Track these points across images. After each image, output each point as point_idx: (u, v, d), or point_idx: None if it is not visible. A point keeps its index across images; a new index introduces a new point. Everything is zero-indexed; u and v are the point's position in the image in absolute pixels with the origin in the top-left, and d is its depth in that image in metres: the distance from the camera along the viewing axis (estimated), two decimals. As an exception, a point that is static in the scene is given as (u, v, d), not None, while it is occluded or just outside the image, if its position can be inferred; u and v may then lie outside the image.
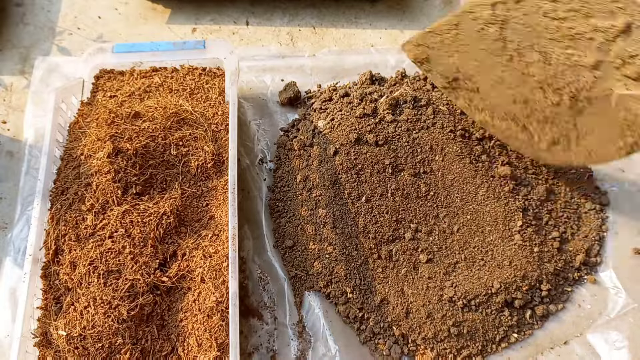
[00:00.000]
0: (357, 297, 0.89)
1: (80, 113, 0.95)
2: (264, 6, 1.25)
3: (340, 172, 0.95)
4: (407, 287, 0.90)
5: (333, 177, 0.95)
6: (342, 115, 1.00)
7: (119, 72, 1.03)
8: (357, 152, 0.95)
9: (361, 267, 0.91)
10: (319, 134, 1.01)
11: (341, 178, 0.95)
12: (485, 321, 0.87)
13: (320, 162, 0.98)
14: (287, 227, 0.98)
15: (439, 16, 1.23)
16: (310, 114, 1.07)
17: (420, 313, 0.87)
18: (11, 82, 1.16)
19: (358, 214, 0.93)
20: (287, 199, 1.00)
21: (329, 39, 1.21)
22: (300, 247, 0.95)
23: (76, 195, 0.85)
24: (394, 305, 0.88)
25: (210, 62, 1.03)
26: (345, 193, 0.94)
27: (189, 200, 0.89)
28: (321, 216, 0.94)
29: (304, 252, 0.95)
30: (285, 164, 1.03)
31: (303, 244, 0.95)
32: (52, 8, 1.26)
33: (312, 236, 0.94)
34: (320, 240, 0.94)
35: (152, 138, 0.90)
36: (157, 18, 1.24)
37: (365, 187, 0.94)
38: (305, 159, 1.00)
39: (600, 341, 0.87)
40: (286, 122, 1.10)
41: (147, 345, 0.78)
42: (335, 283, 0.91)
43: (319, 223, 0.95)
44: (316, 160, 0.98)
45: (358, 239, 0.92)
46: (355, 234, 0.93)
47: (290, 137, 1.06)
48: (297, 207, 0.97)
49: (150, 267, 0.81)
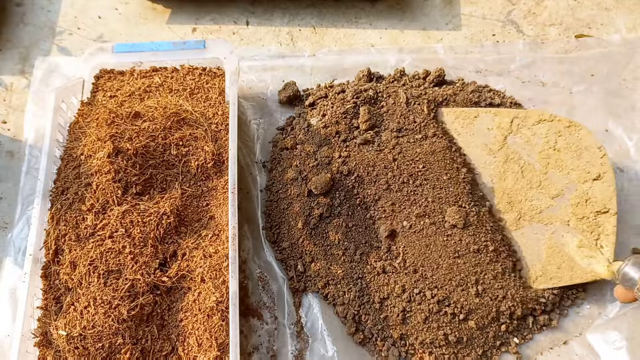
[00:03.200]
0: (355, 298, 0.89)
1: (80, 113, 0.95)
2: (264, 6, 1.25)
3: (333, 171, 0.94)
4: (404, 291, 0.88)
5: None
6: (332, 112, 1.00)
7: (119, 72, 1.03)
8: (348, 151, 0.95)
9: (358, 267, 0.90)
10: (312, 131, 1.00)
11: (334, 177, 0.94)
12: (485, 329, 0.86)
13: (312, 159, 0.97)
14: (282, 228, 0.97)
15: (439, 16, 1.23)
16: (305, 111, 1.07)
17: (417, 318, 0.86)
18: (11, 82, 1.16)
19: (353, 213, 0.93)
20: (281, 199, 0.98)
21: (329, 38, 1.21)
22: (297, 248, 0.94)
23: (76, 195, 0.85)
24: (391, 309, 0.87)
25: (210, 62, 1.03)
26: (338, 192, 0.93)
27: (189, 200, 0.89)
28: (315, 217, 0.93)
29: (302, 253, 0.94)
30: (279, 163, 1.02)
31: (299, 244, 0.94)
32: (52, 8, 1.26)
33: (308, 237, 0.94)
34: (315, 241, 0.93)
35: (152, 138, 0.90)
36: (157, 18, 1.24)
37: (359, 186, 0.93)
38: (297, 157, 0.99)
39: (599, 341, 0.87)
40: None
41: (147, 345, 0.78)
42: (333, 285, 0.91)
43: (312, 220, 0.93)
44: (308, 157, 0.97)
45: (354, 238, 0.92)
46: (352, 233, 0.92)
47: (285, 135, 1.06)
48: (292, 207, 0.96)
49: (150, 267, 0.81)
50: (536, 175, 0.91)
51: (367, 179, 0.93)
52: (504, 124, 0.94)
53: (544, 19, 1.22)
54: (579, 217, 0.87)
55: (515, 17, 1.23)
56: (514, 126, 0.94)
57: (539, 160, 0.91)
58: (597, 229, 0.87)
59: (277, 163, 1.03)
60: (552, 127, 0.92)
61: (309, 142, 0.99)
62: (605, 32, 1.19)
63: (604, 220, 0.87)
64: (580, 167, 0.89)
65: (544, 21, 1.22)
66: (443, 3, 1.25)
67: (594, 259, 0.84)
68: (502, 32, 1.21)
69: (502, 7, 1.24)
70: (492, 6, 1.24)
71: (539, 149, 0.92)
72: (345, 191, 0.93)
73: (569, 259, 0.86)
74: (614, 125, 1.06)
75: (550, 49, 1.16)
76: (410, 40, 1.20)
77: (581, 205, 0.88)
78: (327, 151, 0.96)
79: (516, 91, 1.10)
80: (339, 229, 0.92)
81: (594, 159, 0.89)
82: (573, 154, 0.90)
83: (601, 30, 1.19)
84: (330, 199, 0.93)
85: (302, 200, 0.95)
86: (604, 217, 0.87)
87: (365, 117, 0.96)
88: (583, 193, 0.88)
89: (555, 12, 1.23)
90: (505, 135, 0.94)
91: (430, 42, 1.20)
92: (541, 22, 1.21)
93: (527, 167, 0.92)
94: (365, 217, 0.92)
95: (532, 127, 0.93)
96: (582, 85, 1.10)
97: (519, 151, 0.92)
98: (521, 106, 1.08)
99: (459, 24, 1.22)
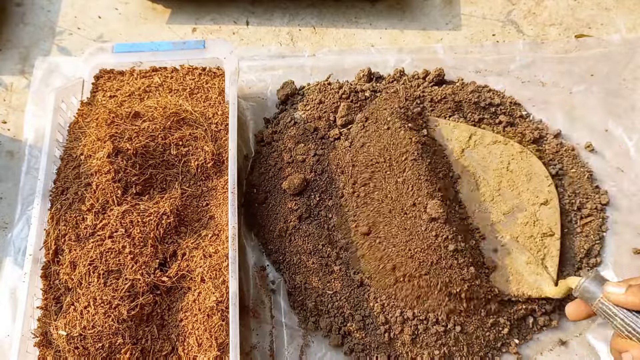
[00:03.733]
0: (337, 315, 0.86)
1: (80, 113, 0.95)
2: (264, 6, 1.25)
3: (307, 170, 0.94)
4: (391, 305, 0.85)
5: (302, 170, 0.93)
6: (315, 107, 1.00)
7: (119, 72, 1.03)
8: (323, 149, 0.94)
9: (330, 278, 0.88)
10: (295, 125, 1.00)
11: (308, 177, 0.93)
12: (484, 332, 0.85)
13: (288, 155, 0.96)
14: (265, 229, 0.95)
15: (439, 16, 1.23)
16: (295, 106, 1.06)
17: (404, 336, 0.83)
18: (11, 82, 1.16)
19: (330, 209, 0.92)
20: (260, 197, 0.97)
21: (329, 38, 1.21)
22: (279, 252, 0.93)
23: (76, 195, 0.85)
24: (376, 325, 0.84)
25: (210, 62, 1.03)
26: (313, 193, 0.93)
27: (189, 200, 0.90)
28: (293, 219, 0.92)
29: (283, 261, 0.93)
30: (257, 160, 1.02)
31: (280, 250, 0.93)
32: (52, 8, 1.26)
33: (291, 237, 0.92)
34: (291, 248, 0.92)
35: (152, 138, 0.90)
36: (157, 18, 1.24)
37: (331, 187, 0.93)
38: (275, 152, 0.99)
39: (599, 341, 0.87)
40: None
41: (147, 345, 0.78)
42: (316, 297, 0.88)
43: (291, 224, 0.92)
44: (285, 153, 0.97)
45: (322, 248, 0.90)
46: (328, 234, 0.91)
47: (269, 128, 1.05)
48: (270, 208, 0.95)
49: (150, 267, 0.81)
50: (489, 190, 0.95)
51: (336, 178, 0.93)
52: (462, 138, 0.98)
53: (544, 19, 1.22)
54: (527, 235, 0.91)
55: (515, 17, 1.23)
56: (472, 142, 0.98)
57: (493, 177, 0.96)
58: (543, 249, 0.90)
59: (256, 159, 1.03)
60: (506, 149, 0.97)
61: (288, 137, 0.98)
62: (605, 32, 1.19)
63: (549, 243, 0.90)
64: (530, 190, 0.94)
65: (544, 21, 1.22)
66: (443, 3, 1.25)
67: (540, 276, 0.87)
68: (502, 32, 1.21)
69: (502, 7, 1.24)
70: (492, 6, 1.25)
71: (493, 167, 0.96)
72: (320, 192, 0.93)
73: (517, 272, 0.88)
74: (614, 125, 1.06)
75: (550, 49, 1.16)
76: (410, 40, 1.21)
77: (530, 225, 0.91)
78: (302, 148, 0.96)
79: (516, 91, 1.10)
80: (311, 237, 0.91)
81: (542, 186, 0.94)
82: (524, 178, 0.95)
83: (601, 30, 1.19)
84: (306, 199, 0.93)
85: (279, 201, 0.94)
86: (550, 240, 0.91)
87: (343, 112, 0.95)
88: (532, 214, 0.92)
89: (555, 12, 1.23)
90: (462, 148, 0.98)
91: (430, 42, 1.20)
92: (541, 22, 1.21)
93: (482, 181, 0.95)
94: (332, 224, 0.91)
95: (488, 146, 0.98)
96: (582, 85, 1.10)
97: (474, 165, 0.97)
98: (521, 106, 1.08)
99: (459, 24, 1.22)
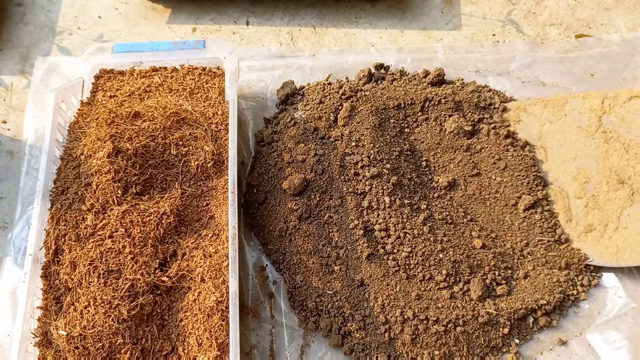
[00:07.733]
0: (337, 314, 0.86)
1: (80, 113, 0.95)
2: (264, 6, 1.25)
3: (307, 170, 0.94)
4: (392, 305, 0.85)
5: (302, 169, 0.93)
6: (315, 106, 1.00)
7: (119, 72, 1.03)
8: (323, 149, 0.94)
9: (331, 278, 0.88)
10: (295, 125, 1.00)
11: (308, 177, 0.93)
12: (484, 334, 0.85)
13: (288, 155, 0.96)
14: (265, 229, 0.95)
15: (439, 16, 1.23)
16: (295, 106, 1.06)
17: (404, 336, 0.83)
18: (11, 82, 1.16)
19: (328, 209, 0.92)
20: (260, 198, 0.97)
21: (329, 38, 1.21)
22: (279, 252, 0.93)
23: (76, 195, 0.85)
24: (376, 325, 0.84)
25: (210, 61, 1.03)
26: (313, 193, 0.92)
27: (189, 200, 0.89)
28: (293, 219, 0.92)
29: (283, 261, 0.93)
30: (257, 159, 1.02)
31: (281, 249, 0.93)
32: (52, 8, 1.26)
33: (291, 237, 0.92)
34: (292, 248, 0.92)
35: (152, 138, 0.90)
36: (157, 18, 1.24)
37: (332, 184, 0.93)
38: (275, 152, 0.99)
39: (599, 341, 0.87)
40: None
41: (147, 345, 0.78)
42: (317, 298, 0.89)
43: (291, 224, 0.92)
44: (285, 153, 0.97)
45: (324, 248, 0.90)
46: (328, 234, 0.91)
47: (269, 128, 1.05)
48: (271, 208, 0.95)
49: (150, 266, 0.81)
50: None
51: (337, 178, 0.93)
52: (595, 106, 0.94)
53: (544, 19, 1.22)
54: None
55: (515, 17, 1.23)
56: (606, 106, 0.94)
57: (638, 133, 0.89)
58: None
59: (256, 158, 1.02)
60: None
61: (288, 136, 0.98)
62: (605, 32, 1.19)
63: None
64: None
65: (544, 21, 1.22)
66: (443, 3, 1.25)
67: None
68: (502, 32, 1.21)
69: (502, 7, 1.24)
70: (492, 6, 1.24)
71: (637, 125, 0.90)
72: (320, 192, 0.93)
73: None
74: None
75: (550, 49, 1.16)
76: (410, 40, 1.20)
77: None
78: (302, 148, 0.96)
79: (516, 91, 1.10)
80: (311, 237, 0.91)
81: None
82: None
83: (601, 30, 1.19)
84: (307, 199, 0.93)
85: (279, 201, 0.94)
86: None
87: (346, 112, 0.95)
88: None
89: (556, 12, 1.23)
90: (599, 115, 0.94)
91: (430, 42, 1.20)
92: (541, 22, 1.21)
93: (629, 143, 0.90)
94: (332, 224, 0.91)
95: (624, 105, 0.92)
96: (582, 85, 1.10)
97: (616, 130, 0.91)
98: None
99: (459, 24, 1.22)
